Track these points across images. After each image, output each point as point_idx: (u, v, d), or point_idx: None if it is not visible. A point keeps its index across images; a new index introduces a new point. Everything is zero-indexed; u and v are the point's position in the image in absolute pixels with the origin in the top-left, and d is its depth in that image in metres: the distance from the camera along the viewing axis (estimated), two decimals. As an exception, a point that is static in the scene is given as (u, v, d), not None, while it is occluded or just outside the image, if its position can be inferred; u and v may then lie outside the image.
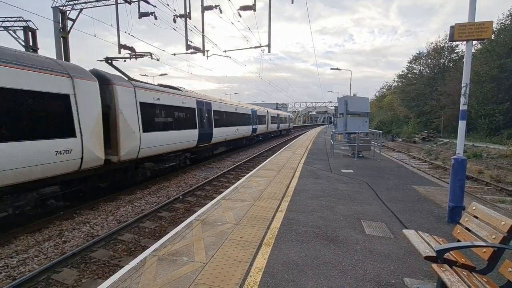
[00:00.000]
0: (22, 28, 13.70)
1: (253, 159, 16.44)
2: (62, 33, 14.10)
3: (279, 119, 34.94)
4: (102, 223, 6.61)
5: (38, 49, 13.91)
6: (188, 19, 12.32)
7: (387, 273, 3.13)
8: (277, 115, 33.91)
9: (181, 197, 8.48)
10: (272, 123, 31.07)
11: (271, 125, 30.26)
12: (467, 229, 2.76)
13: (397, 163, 11.98)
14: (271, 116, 30.55)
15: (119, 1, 13.22)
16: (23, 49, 13.32)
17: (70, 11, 14.26)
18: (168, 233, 4.35)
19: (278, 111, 39.20)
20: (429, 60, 38.45)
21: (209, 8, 12.44)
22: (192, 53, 13.41)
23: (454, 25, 4.51)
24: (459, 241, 2.77)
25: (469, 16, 4.43)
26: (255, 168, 10.45)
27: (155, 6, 12.60)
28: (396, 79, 47.90)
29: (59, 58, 13.34)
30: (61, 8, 13.98)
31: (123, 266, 3.35)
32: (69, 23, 14.41)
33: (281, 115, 36.92)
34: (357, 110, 13.87)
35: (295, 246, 3.76)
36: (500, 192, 10.09)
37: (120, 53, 13.38)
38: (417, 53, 40.28)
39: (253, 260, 3.35)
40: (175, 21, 12.54)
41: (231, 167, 13.41)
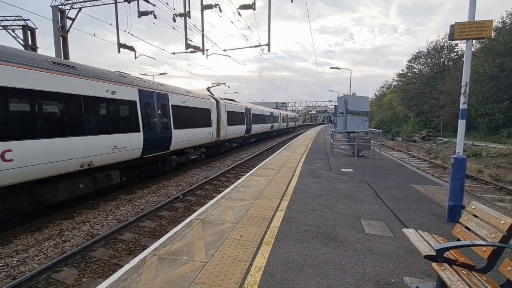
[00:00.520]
0: (21, 27, 13.67)
1: (253, 158, 16.45)
2: (61, 32, 14.07)
3: (288, 119, 44.31)
4: (102, 222, 6.61)
5: (37, 48, 13.88)
6: (187, 18, 12.31)
7: (386, 272, 3.14)
8: (286, 116, 43.22)
9: (181, 196, 8.48)
10: (283, 122, 39.53)
11: (282, 123, 38.70)
12: (466, 228, 2.77)
13: (397, 162, 11.99)
14: (282, 117, 39.04)
15: (118, 0, 13.19)
16: (22, 48, 13.29)
17: (69, 10, 14.23)
18: (168, 232, 4.35)
19: (287, 112, 49.74)
20: (429, 59, 38.36)
21: (209, 7, 12.42)
22: (191, 52, 13.41)
23: (454, 24, 4.50)
24: (458, 240, 2.77)
25: (469, 15, 4.43)
26: (255, 167, 10.46)
27: (154, 5, 12.57)
28: (395, 78, 47.89)
29: (58, 57, 13.31)
30: (60, 7, 13.95)
31: (123, 266, 3.35)
32: (69, 22, 14.38)
33: (289, 116, 46.71)
34: (357, 109, 13.88)
35: (295, 245, 3.77)
36: (499, 191, 10.10)
37: (119, 52, 13.38)
38: (417, 52, 40.22)
39: (253, 259, 3.36)
40: (174, 20, 12.52)
41: (231, 166, 13.42)
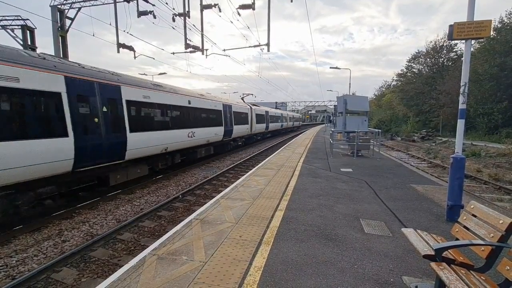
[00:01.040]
0: (20, 27, 13.63)
1: (252, 158, 16.45)
2: (61, 32, 14.04)
3: (294, 119, 52.90)
4: (102, 222, 6.61)
5: (37, 48, 13.85)
6: (187, 17, 12.29)
7: (386, 271, 3.14)
8: (292, 116, 51.61)
9: (180, 196, 8.48)
10: (290, 121, 47.29)
11: (289, 122, 46.76)
12: (465, 227, 2.77)
13: (396, 162, 12.00)
14: (289, 117, 47.27)
15: (117, 0, 13.17)
16: (21, 48, 13.26)
17: (69, 9, 14.20)
18: (167, 232, 4.35)
19: (293, 113, 58.70)
20: (428, 59, 38.42)
21: (208, 7, 12.41)
22: (191, 52, 13.39)
23: (453, 24, 4.51)
24: (457, 239, 2.78)
25: (468, 15, 4.44)
26: (254, 167, 10.46)
27: (153, 5, 12.54)
28: (395, 78, 47.96)
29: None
30: (59, 6, 13.92)
31: (123, 265, 3.35)
32: (68, 22, 14.35)
33: (295, 116, 55.37)
34: (356, 109, 13.89)
35: (294, 245, 3.77)
36: (498, 191, 10.12)
37: (118, 52, 13.36)
38: (416, 52, 40.31)
39: (253, 259, 3.36)
40: (174, 20, 12.50)
41: (231, 166, 13.42)
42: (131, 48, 13.67)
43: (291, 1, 11.43)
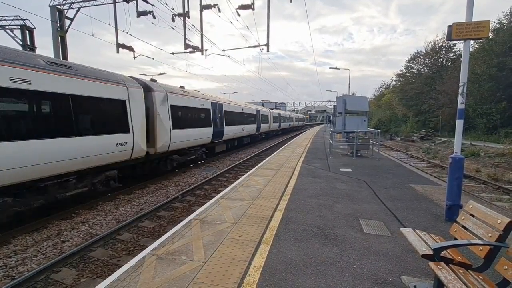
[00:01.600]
0: (19, 27, 13.62)
1: (252, 158, 16.45)
2: (60, 32, 14.03)
3: (299, 119, 60.11)
4: (101, 222, 6.60)
5: (36, 48, 13.84)
6: (186, 18, 12.29)
7: (385, 271, 3.15)
8: (298, 117, 59.08)
9: (180, 196, 8.48)
10: (295, 121, 54.17)
11: (295, 122, 53.70)
12: (464, 227, 2.79)
13: (396, 162, 12.02)
14: (295, 117, 54.32)
15: (117, 0, 13.17)
16: (20, 48, 13.25)
17: (68, 10, 14.19)
18: (167, 232, 4.35)
19: (298, 114, 66.41)
20: (427, 59, 38.48)
21: (208, 7, 12.41)
22: (190, 52, 13.39)
23: (452, 24, 4.53)
24: (456, 239, 2.79)
25: (466, 15, 4.45)
26: (254, 167, 10.47)
27: (153, 5, 12.56)
28: (394, 78, 48.00)
29: (56, 57, 13.28)
30: (58, 6, 13.91)
31: (122, 266, 3.36)
32: (67, 22, 14.34)
33: (300, 117, 63.42)
34: (356, 109, 13.90)
35: (293, 245, 3.78)
36: (497, 191, 10.15)
37: (118, 52, 13.36)
38: (416, 53, 40.35)
39: (252, 259, 3.37)
40: (173, 20, 12.50)
41: (230, 166, 13.42)
42: (130, 48, 13.67)
43: (291, 1, 11.44)
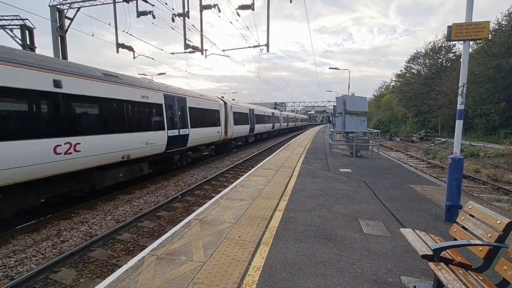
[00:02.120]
0: (19, 27, 13.61)
1: (251, 158, 16.45)
2: (60, 32, 14.02)
3: (302, 119, 67.33)
4: (101, 222, 6.59)
5: (36, 48, 13.83)
6: (186, 18, 12.30)
7: (384, 271, 3.15)
8: (301, 117, 67.01)
9: (179, 196, 8.48)
10: (299, 121, 60.74)
11: (299, 122, 60.23)
12: (463, 227, 2.79)
13: (395, 162, 12.03)
14: (299, 118, 61.11)
15: (117, 0, 13.17)
16: (20, 48, 13.24)
17: (68, 9, 14.18)
18: (166, 232, 4.35)
19: (301, 115, 73.95)
20: (427, 60, 38.52)
21: (208, 7, 12.42)
22: (190, 52, 13.39)
23: (451, 25, 4.54)
24: (455, 239, 2.80)
25: (466, 16, 4.46)
26: (253, 167, 10.47)
27: (153, 5, 12.55)
28: (394, 79, 48.02)
29: (56, 57, 13.27)
30: (58, 6, 13.90)
31: (122, 266, 3.35)
32: (67, 22, 14.33)
33: (303, 117, 71.18)
34: (356, 109, 13.90)
35: (293, 245, 3.78)
36: (496, 191, 10.16)
37: (118, 52, 13.36)
38: (415, 53, 40.37)
39: (252, 259, 3.37)
40: (173, 20, 12.50)
41: (230, 166, 13.42)
42: (130, 48, 13.68)
43: (291, 1, 11.45)
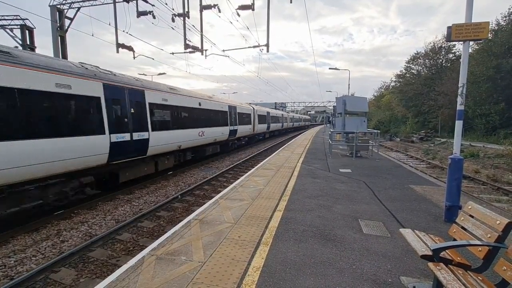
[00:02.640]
0: (19, 27, 13.61)
1: (251, 158, 16.46)
2: (60, 32, 14.02)
3: (305, 120, 73.81)
4: (100, 222, 6.60)
5: (36, 47, 13.83)
6: (186, 18, 12.29)
7: (384, 272, 3.16)
8: (304, 118, 73.56)
9: (179, 196, 8.48)
10: (303, 121, 66.65)
11: (303, 122, 66.47)
12: (463, 228, 2.79)
13: (395, 162, 12.03)
14: (302, 118, 68.35)
15: (117, 0, 13.17)
16: (20, 48, 13.23)
17: (68, 9, 14.18)
18: (166, 232, 4.35)
19: (305, 116, 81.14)
20: (427, 60, 38.53)
21: (208, 7, 12.41)
22: (190, 52, 13.39)
23: (451, 25, 4.54)
24: (455, 240, 2.80)
25: (466, 16, 4.46)
26: (253, 167, 10.46)
27: (153, 5, 12.54)
28: (394, 79, 48.02)
29: (56, 57, 13.26)
30: (58, 6, 13.90)
31: (121, 266, 3.35)
32: (67, 22, 14.33)
33: (306, 118, 78.34)
34: (355, 109, 13.90)
35: (293, 245, 3.78)
36: (496, 192, 10.16)
37: (118, 52, 13.36)
38: (415, 53, 40.39)
39: (251, 259, 3.37)
40: (173, 20, 12.49)
41: (230, 166, 13.42)
42: (130, 48, 13.67)
43: (291, 1, 11.45)
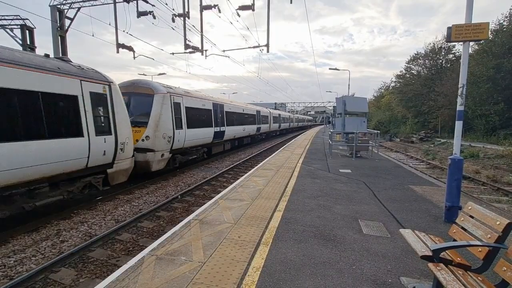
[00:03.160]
0: (19, 27, 13.61)
1: (251, 158, 16.45)
2: (60, 32, 14.01)
3: (308, 120, 79.43)
4: (100, 222, 6.59)
5: (36, 47, 13.82)
6: (186, 18, 12.30)
7: (384, 272, 3.15)
8: (308, 118, 79.63)
9: (179, 196, 8.47)
10: (305, 122, 71.79)
11: (306, 122, 72.23)
12: (463, 228, 2.79)
13: (395, 163, 12.04)
14: (305, 119, 73.96)
15: (117, 0, 13.17)
16: (20, 47, 13.24)
17: (68, 9, 14.18)
18: (166, 232, 4.35)
19: (307, 116, 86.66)
20: (427, 61, 38.56)
21: (208, 7, 12.42)
22: (190, 52, 13.40)
23: (451, 26, 4.54)
24: (455, 240, 2.80)
25: (466, 17, 4.47)
26: (253, 167, 10.46)
27: (153, 5, 12.54)
28: (394, 80, 48.06)
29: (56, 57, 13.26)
30: (58, 6, 13.90)
31: (121, 266, 3.35)
32: (67, 21, 14.33)
33: (309, 118, 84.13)
34: (355, 110, 13.92)
35: (293, 245, 3.78)
36: (496, 192, 10.16)
37: (118, 52, 13.36)
38: (415, 54, 40.42)
39: (251, 260, 3.37)
40: (173, 21, 12.50)
41: (230, 166, 13.42)
42: (130, 48, 13.67)
43: (291, 2, 11.45)
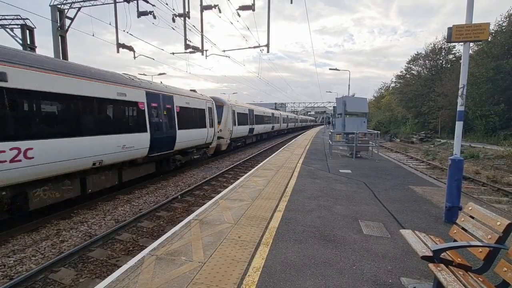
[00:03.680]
0: (19, 26, 13.62)
1: (251, 158, 16.45)
2: (60, 32, 14.02)
3: (310, 120, 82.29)
4: (100, 222, 6.59)
5: (36, 47, 13.84)
6: (187, 18, 12.30)
7: (384, 272, 3.15)
8: (310, 119, 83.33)
9: (179, 196, 8.47)
10: (308, 122, 74.72)
11: (309, 122, 75.01)
12: (463, 229, 2.79)
13: (395, 163, 12.03)
14: (308, 119, 78.36)
15: (117, 0, 13.18)
16: (20, 47, 13.25)
17: (68, 9, 14.19)
18: (166, 232, 4.34)
19: (310, 117, 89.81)
20: (427, 61, 38.57)
21: (208, 7, 12.43)
22: (191, 52, 13.40)
23: (451, 26, 4.54)
24: (455, 241, 2.80)
25: (466, 17, 4.47)
26: (253, 167, 10.46)
27: (154, 5, 12.56)
28: (394, 80, 48.07)
29: (57, 57, 13.28)
30: (59, 6, 13.91)
31: (121, 266, 3.35)
32: (67, 21, 14.34)
33: (311, 119, 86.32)
34: (355, 110, 13.93)
35: (293, 245, 3.78)
36: (496, 193, 10.16)
37: (118, 52, 13.36)
38: (416, 54, 40.43)
39: (251, 260, 3.36)
40: (174, 21, 12.51)
41: (230, 166, 13.42)
42: (130, 48, 13.68)
43: (291, 2, 11.46)
